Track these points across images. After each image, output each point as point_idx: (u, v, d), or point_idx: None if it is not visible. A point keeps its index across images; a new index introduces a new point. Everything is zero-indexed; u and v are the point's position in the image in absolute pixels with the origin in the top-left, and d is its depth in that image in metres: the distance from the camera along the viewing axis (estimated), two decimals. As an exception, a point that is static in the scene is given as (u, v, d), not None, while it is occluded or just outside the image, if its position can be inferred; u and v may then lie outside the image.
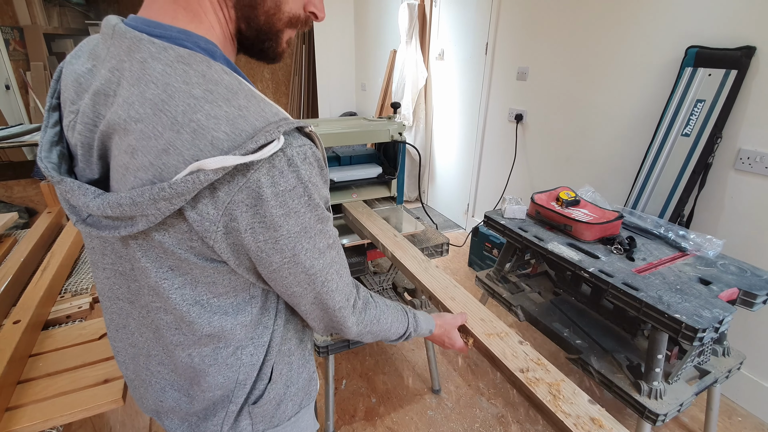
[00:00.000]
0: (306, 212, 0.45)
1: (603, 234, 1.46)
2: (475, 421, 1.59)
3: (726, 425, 1.59)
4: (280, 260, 0.46)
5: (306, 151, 0.44)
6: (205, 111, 0.40)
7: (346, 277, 0.56)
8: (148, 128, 0.39)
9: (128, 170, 0.41)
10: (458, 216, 3.40)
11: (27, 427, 0.61)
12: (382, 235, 1.22)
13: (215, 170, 0.38)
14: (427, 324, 0.77)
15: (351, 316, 0.59)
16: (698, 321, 1.03)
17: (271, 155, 0.41)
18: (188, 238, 0.43)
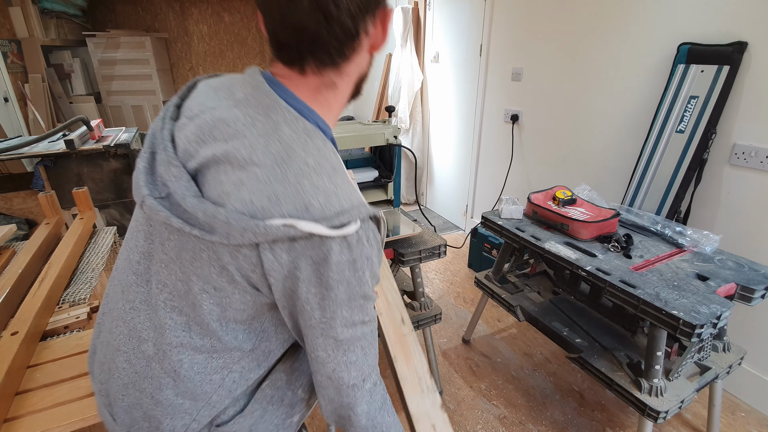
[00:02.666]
0: (356, 285, 0.50)
1: (600, 232, 1.46)
2: (477, 422, 1.59)
3: (729, 421, 1.58)
4: (319, 317, 0.51)
5: (370, 235, 0.51)
6: (312, 180, 0.48)
7: (371, 358, 0.57)
8: (262, 174, 0.47)
9: (229, 197, 0.47)
10: (457, 217, 3.40)
11: (24, 438, 0.61)
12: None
13: (304, 232, 0.46)
14: None
15: (363, 400, 0.57)
16: (696, 317, 1.03)
17: (347, 236, 0.48)
18: (251, 269, 0.49)
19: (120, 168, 3.00)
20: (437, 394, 0.89)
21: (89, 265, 1.17)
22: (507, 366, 1.88)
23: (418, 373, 0.92)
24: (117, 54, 4.88)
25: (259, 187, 0.46)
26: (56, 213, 1.40)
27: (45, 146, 2.89)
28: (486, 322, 2.20)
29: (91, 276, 1.11)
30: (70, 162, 2.88)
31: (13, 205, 3.05)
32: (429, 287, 2.54)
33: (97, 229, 1.43)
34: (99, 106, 5.04)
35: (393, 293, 1.08)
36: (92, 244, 1.31)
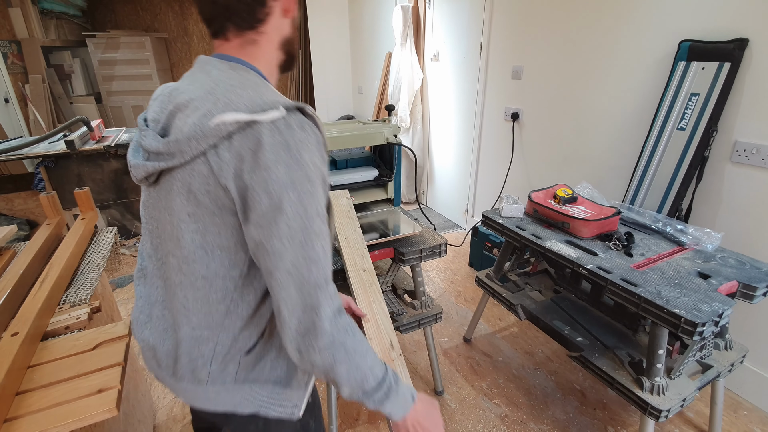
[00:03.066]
0: (295, 167, 0.55)
1: (601, 230, 1.45)
2: (478, 421, 1.59)
3: (732, 419, 1.58)
4: (267, 203, 0.55)
5: (304, 124, 0.58)
6: (237, 92, 0.58)
7: (328, 261, 0.60)
8: (199, 102, 0.58)
9: (181, 130, 0.57)
10: (458, 216, 3.40)
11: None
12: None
13: (231, 122, 0.54)
14: (409, 391, 0.69)
15: (327, 304, 0.58)
16: (697, 315, 1.03)
17: (275, 119, 0.56)
18: (206, 182, 0.57)
19: (120, 168, 3.00)
20: None
21: (90, 266, 1.17)
22: (508, 365, 1.88)
23: None
24: (117, 54, 4.88)
25: (197, 111, 0.57)
26: (57, 213, 1.40)
27: (46, 147, 2.90)
28: (487, 320, 2.20)
29: (92, 276, 1.11)
30: (70, 162, 2.89)
31: (14, 205, 3.06)
32: (430, 286, 2.54)
33: (98, 230, 1.43)
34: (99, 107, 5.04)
35: (383, 318, 1.09)
36: (93, 245, 1.31)
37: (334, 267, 1.33)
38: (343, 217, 1.35)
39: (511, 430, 1.55)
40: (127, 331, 0.86)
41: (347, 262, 1.21)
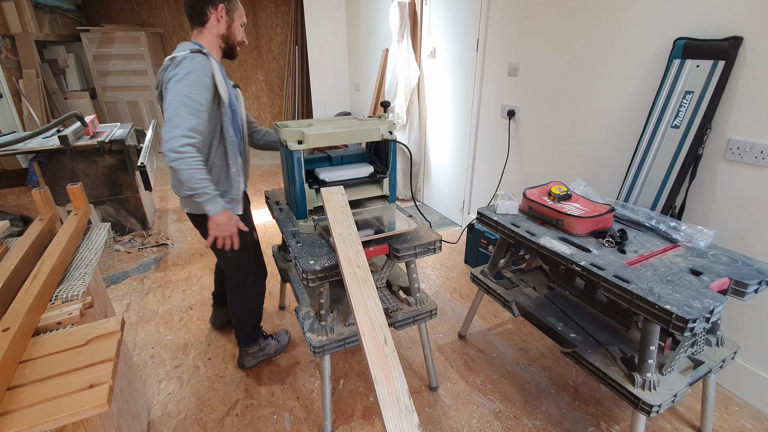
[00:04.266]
0: (181, 72, 1.27)
1: (595, 227, 1.46)
2: (472, 417, 1.60)
3: (723, 415, 1.59)
4: (167, 84, 1.28)
5: (196, 56, 1.30)
6: (181, 50, 1.32)
7: (187, 120, 1.25)
8: (166, 65, 1.32)
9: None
10: (454, 213, 3.40)
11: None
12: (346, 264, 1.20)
13: (170, 57, 1.31)
14: (220, 205, 1.34)
15: (172, 142, 1.23)
16: (688, 311, 1.04)
17: (185, 55, 1.30)
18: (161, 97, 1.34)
19: (115, 164, 2.98)
20: (415, 415, 0.92)
21: (83, 262, 1.17)
22: (502, 361, 1.89)
23: (397, 394, 0.95)
24: (112, 49, 4.84)
25: (165, 69, 1.31)
26: (50, 209, 1.39)
27: (39, 142, 2.88)
28: (482, 317, 2.21)
29: (85, 272, 1.11)
30: (64, 158, 2.87)
31: (7, 201, 3.04)
32: (425, 283, 2.54)
33: (91, 225, 1.42)
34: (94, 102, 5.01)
35: (377, 314, 1.09)
36: (86, 240, 1.31)
37: (329, 263, 1.34)
38: (337, 214, 1.35)
39: (505, 425, 1.56)
40: (119, 327, 0.86)
41: (341, 258, 1.21)
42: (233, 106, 1.44)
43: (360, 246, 1.26)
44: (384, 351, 1.03)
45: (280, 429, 1.55)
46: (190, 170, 1.25)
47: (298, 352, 1.95)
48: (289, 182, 1.56)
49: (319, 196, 1.52)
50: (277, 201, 1.84)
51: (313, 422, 1.57)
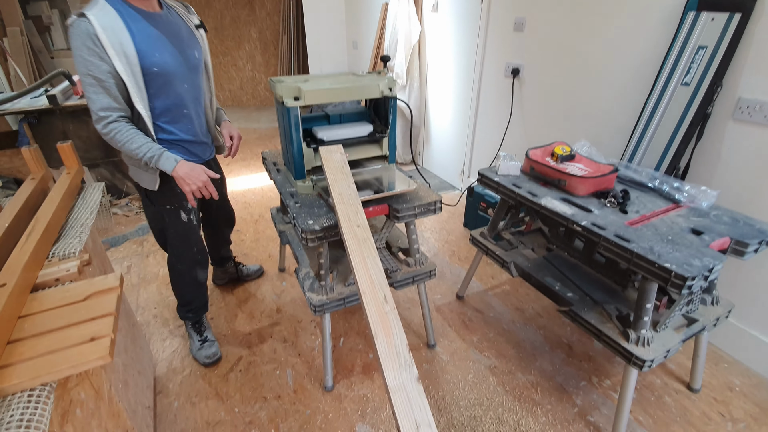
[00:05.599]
0: (75, 55, 1.12)
1: (597, 188, 1.44)
2: (468, 372, 1.65)
3: (713, 371, 1.64)
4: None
5: (74, 26, 1.11)
6: (70, 35, 1.13)
7: (99, 98, 1.17)
8: None
9: None
10: (454, 177, 3.37)
11: (15, 384, 0.61)
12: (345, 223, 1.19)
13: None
14: (172, 158, 1.28)
15: (98, 123, 1.20)
16: (688, 269, 1.04)
17: (73, 20, 1.12)
18: None
19: (107, 125, 2.91)
20: (414, 368, 0.94)
21: (78, 220, 1.15)
22: (499, 320, 1.93)
23: (397, 349, 0.96)
24: (97, 4, 4.59)
25: None
26: (41, 168, 1.36)
27: (27, 102, 2.79)
28: (480, 279, 2.23)
29: (81, 231, 1.09)
30: (54, 119, 2.79)
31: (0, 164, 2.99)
32: (424, 246, 2.55)
33: (85, 185, 1.40)
34: (82, 62, 4.81)
35: (377, 273, 1.09)
36: (81, 200, 1.29)
37: (328, 223, 1.33)
38: (337, 173, 1.32)
39: (500, 380, 1.61)
40: (119, 283, 0.85)
41: (341, 218, 1.20)
42: (155, 66, 1.22)
43: (360, 206, 1.24)
44: (384, 308, 1.04)
45: (283, 384, 1.60)
46: (124, 143, 1.21)
47: (299, 312, 1.98)
48: (286, 142, 1.52)
49: (317, 156, 1.48)
50: (274, 162, 1.81)
51: (315, 377, 1.62)
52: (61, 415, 0.70)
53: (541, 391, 1.56)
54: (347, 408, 1.50)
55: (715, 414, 1.47)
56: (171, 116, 1.34)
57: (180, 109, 1.35)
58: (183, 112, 1.36)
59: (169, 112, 1.33)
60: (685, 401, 1.52)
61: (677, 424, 1.44)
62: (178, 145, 1.40)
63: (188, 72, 1.33)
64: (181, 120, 1.36)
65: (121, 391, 1.16)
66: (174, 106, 1.32)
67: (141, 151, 1.22)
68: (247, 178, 3.60)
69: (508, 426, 1.43)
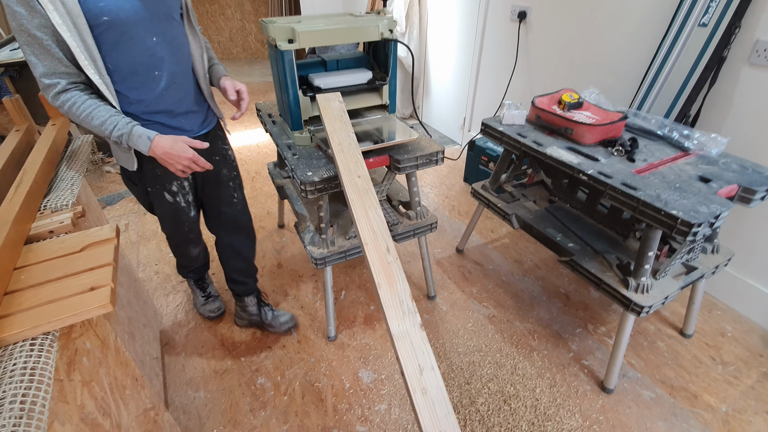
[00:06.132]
0: (7, 11, 0.86)
1: (605, 136, 1.40)
2: (468, 321, 1.68)
3: (706, 318, 1.69)
4: None
5: None
6: None
7: (44, 61, 0.91)
8: None
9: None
10: (454, 131, 3.29)
11: (16, 334, 0.61)
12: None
13: None
14: (144, 135, 1.01)
15: (46, 91, 0.94)
16: (694, 216, 1.02)
17: None
18: None
19: (92, 78, 2.77)
20: (417, 316, 0.94)
21: (68, 173, 1.11)
22: (498, 272, 1.95)
23: (400, 297, 0.96)
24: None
25: None
26: (25, 119, 1.30)
27: (7, 55, 2.64)
28: (480, 233, 2.23)
29: (71, 182, 1.06)
30: (35, 71, 2.65)
31: (-16, 120, 2.87)
32: (424, 201, 2.53)
33: (72, 138, 1.34)
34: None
35: (379, 223, 1.07)
36: (69, 152, 1.24)
37: (327, 174, 1.29)
38: (335, 122, 1.27)
39: (498, 328, 1.65)
40: (114, 234, 0.83)
41: (341, 169, 1.16)
42: (103, 14, 0.92)
43: (360, 155, 1.20)
44: (387, 258, 1.03)
45: (287, 334, 1.63)
46: (83, 118, 0.95)
47: (300, 267, 1.99)
48: (281, 90, 1.45)
49: (314, 105, 1.42)
50: (269, 113, 1.73)
51: (318, 328, 1.66)
52: (67, 364, 0.70)
53: (537, 337, 1.61)
54: (350, 356, 1.54)
55: (706, 357, 1.52)
56: (137, 80, 1.03)
57: (149, 71, 1.04)
58: (153, 74, 1.05)
59: (134, 76, 1.02)
60: (677, 346, 1.57)
61: (668, 367, 1.49)
62: (153, 121, 1.10)
63: (155, 20, 1.01)
64: (151, 84, 1.06)
65: (127, 343, 1.18)
66: (139, 66, 1.02)
67: (105, 128, 0.97)
68: (242, 135, 3.50)
69: (506, 370, 1.48)
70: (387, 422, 1.32)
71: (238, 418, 1.33)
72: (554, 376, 1.46)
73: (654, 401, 1.37)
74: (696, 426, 1.30)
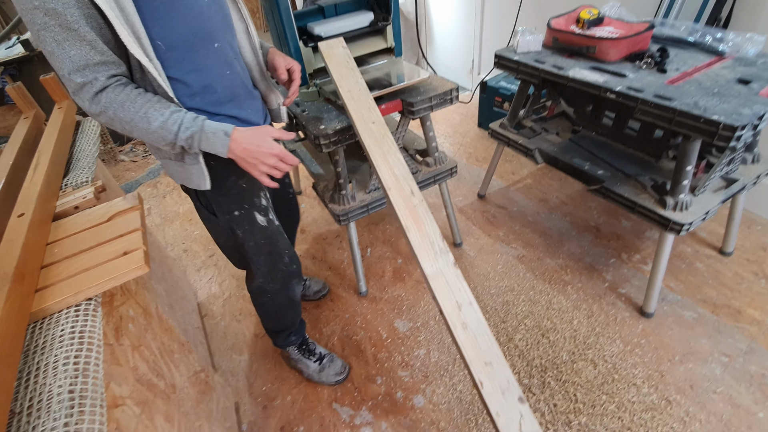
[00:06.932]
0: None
1: (631, 50, 1.30)
2: (497, 263, 1.67)
3: (745, 234, 1.62)
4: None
5: None
6: None
7: (70, 51, 0.64)
8: None
9: None
10: (463, 77, 3.15)
11: (60, 301, 0.62)
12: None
13: None
14: (221, 129, 0.75)
15: (79, 93, 0.68)
16: (737, 119, 0.95)
17: None
18: None
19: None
20: (450, 255, 0.93)
21: (83, 153, 1.10)
22: (523, 213, 1.91)
23: (431, 238, 0.94)
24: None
25: None
26: (32, 106, 1.29)
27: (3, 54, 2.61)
28: (500, 176, 2.17)
29: (88, 161, 1.05)
30: (34, 67, 2.63)
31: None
32: (439, 151, 2.46)
33: (81, 119, 1.33)
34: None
35: (400, 167, 1.03)
36: (80, 133, 1.23)
37: (340, 125, 1.25)
38: (342, 69, 1.21)
39: (529, 267, 1.63)
40: (138, 202, 0.82)
41: (354, 116, 1.11)
42: None
43: (372, 101, 1.15)
44: (412, 201, 1.00)
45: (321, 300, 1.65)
46: (136, 120, 0.70)
47: (323, 230, 1.99)
48: (281, 44, 1.38)
49: (317, 56, 1.35)
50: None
51: (348, 285, 1.67)
52: (114, 329, 0.72)
53: (570, 272, 1.58)
54: (383, 308, 1.55)
55: (749, 273, 1.48)
56: (197, 58, 0.77)
57: (207, 42, 0.77)
58: (213, 47, 0.79)
59: (191, 52, 0.75)
60: (717, 265, 1.52)
61: (709, 286, 1.45)
62: (223, 114, 0.85)
63: None
64: (214, 62, 0.80)
65: (168, 313, 1.21)
66: (195, 37, 0.75)
67: (168, 131, 0.71)
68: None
69: (540, 306, 1.48)
70: (427, 365, 1.34)
71: (284, 375, 1.38)
72: (591, 306, 1.45)
73: (696, 321, 1.35)
74: (741, 340, 1.28)
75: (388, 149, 1.07)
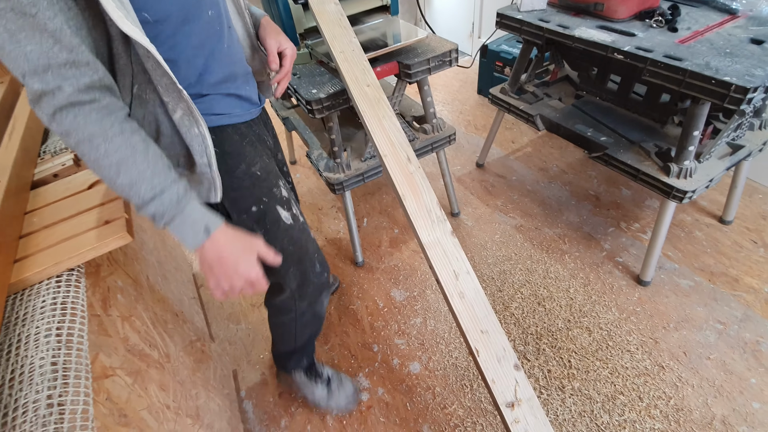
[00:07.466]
0: None
1: (640, 7, 1.22)
2: (495, 233, 1.65)
3: (746, 203, 1.60)
4: None
5: None
6: None
7: (26, 45, 0.46)
8: None
9: None
10: (462, 41, 3.02)
11: (39, 272, 0.59)
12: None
13: None
14: (204, 220, 0.58)
15: (39, 102, 0.49)
16: (750, 80, 0.91)
17: None
18: None
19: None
20: (447, 224, 0.90)
21: (62, 119, 1.05)
22: (522, 182, 1.87)
23: (428, 206, 0.92)
24: None
25: None
26: (6, 71, 1.21)
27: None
28: (500, 145, 2.12)
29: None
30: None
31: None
32: (437, 118, 2.40)
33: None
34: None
35: (396, 133, 0.98)
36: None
37: (333, 89, 1.19)
38: (334, 28, 1.13)
39: (527, 236, 1.62)
40: (120, 169, 0.78)
41: (347, 79, 1.06)
42: None
43: (366, 62, 1.08)
44: (408, 168, 0.96)
45: (315, 265, 1.64)
46: (92, 159, 0.52)
47: (318, 199, 1.96)
48: (269, 2, 1.30)
49: (308, 14, 1.27)
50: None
51: (345, 255, 1.66)
52: (101, 300, 0.70)
53: (568, 241, 1.57)
54: (380, 278, 1.55)
55: (747, 242, 1.47)
56: (187, 27, 0.62)
57: (200, 10, 0.63)
58: (208, 16, 0.65)
59: (187, 24, 0.61)
60: (716, 233, 1.51)
61: (707, 255, 1.45)
62: (224, 93, 0.72)
63: None
64: (211, 35, 0.66)
65: (161, 284, 1.19)
66: (190, 4, 0.61)
67: (137, 189, 0.53)
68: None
69: (537, 274, 1.47)
70: (424, 333, 1.35)
71: (280, 344, 1.38)
72: (588, 275, 1.44)
73: (693, 289, 1.35)
74: (737, 308, 1.28)
75: (383, 114, 1.02)
